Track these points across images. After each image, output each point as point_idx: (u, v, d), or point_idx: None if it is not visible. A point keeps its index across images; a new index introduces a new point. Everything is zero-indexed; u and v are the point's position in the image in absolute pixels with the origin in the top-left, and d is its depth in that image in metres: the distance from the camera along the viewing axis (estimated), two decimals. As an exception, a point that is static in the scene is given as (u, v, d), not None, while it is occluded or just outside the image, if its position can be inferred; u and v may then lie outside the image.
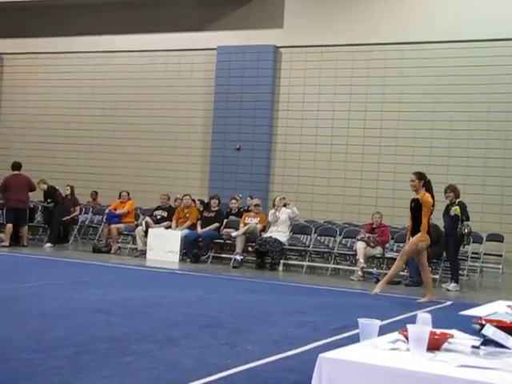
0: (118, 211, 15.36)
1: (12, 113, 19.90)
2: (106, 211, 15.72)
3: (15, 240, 14.90)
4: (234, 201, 14.99)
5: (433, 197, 9.52)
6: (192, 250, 14.03)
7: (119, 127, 18.47)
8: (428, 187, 9.55)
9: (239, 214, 14.59)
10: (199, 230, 14.17)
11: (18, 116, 19.76)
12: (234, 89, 17.07)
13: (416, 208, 9.51)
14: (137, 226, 15.12)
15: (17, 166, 15.04)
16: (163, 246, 13.93)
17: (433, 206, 9.52)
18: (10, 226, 14.75)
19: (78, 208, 16.31)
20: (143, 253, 14.23)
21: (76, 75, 19.17)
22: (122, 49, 18.71)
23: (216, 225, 14.26)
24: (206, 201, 15.55)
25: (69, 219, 16.02)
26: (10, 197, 14.70)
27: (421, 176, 9.52)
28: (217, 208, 14.57)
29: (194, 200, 15.03)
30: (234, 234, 13.87)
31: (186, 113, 17.92)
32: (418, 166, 15.18)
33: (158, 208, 15.09)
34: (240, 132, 16.94)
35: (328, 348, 3.64)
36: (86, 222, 16.56)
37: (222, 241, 14.31)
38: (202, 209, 14.98)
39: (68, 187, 16.38)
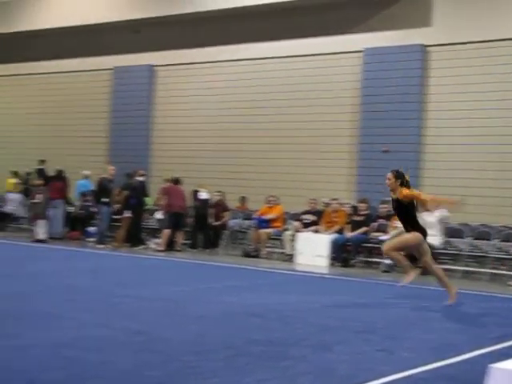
0: (268, 216, 15.56)
1: (165, 122, 20.69)
2: (255, 216, 15.97)
3: (169, 245, 15.60)
4: (383, 204, 14.75)
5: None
6: (341, 254, 13.96)
7: (266, 133, 18.70)
8: (408, 187, 9.02)
9: (389, 218, 14.33)
10: (348, 233, 14.06)
11: (170, 125, 20.51)
12: (382, 90, 16.77)
13: (399, 208, 9.03)
14: (285, 230, 15.25)
15: (177, 181, 16.47)
16: (312, 250, 13.96)
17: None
18: (168, 231, 15.57)
19: (227, 213, 16.70)
20: (291, 257, 14.32)
21: (223, 83, 19.62)
22: (266, 55, 18.93)
23: (365, 228, 14.11)
24: (354, 204, 15.41)
25: (219, 224, 16.45)
26: (173, 202, 15.90)
27: (398, 175, 8.99)
28: (366, 212, 14.41)
29: (341, 203, 14.95)
30: (383, 237, 13.65)
31: (331, 116, 17.83)
32: None
33: (307, 212, 15.15)
34: (387, 134, 16.61)
35: (491, 357, 3.47)
36: (235, 227, 16.91)
37: (370, 245, 14.14)
38: (351, 212, 14.87)
39: (219, 193, 16.83)
